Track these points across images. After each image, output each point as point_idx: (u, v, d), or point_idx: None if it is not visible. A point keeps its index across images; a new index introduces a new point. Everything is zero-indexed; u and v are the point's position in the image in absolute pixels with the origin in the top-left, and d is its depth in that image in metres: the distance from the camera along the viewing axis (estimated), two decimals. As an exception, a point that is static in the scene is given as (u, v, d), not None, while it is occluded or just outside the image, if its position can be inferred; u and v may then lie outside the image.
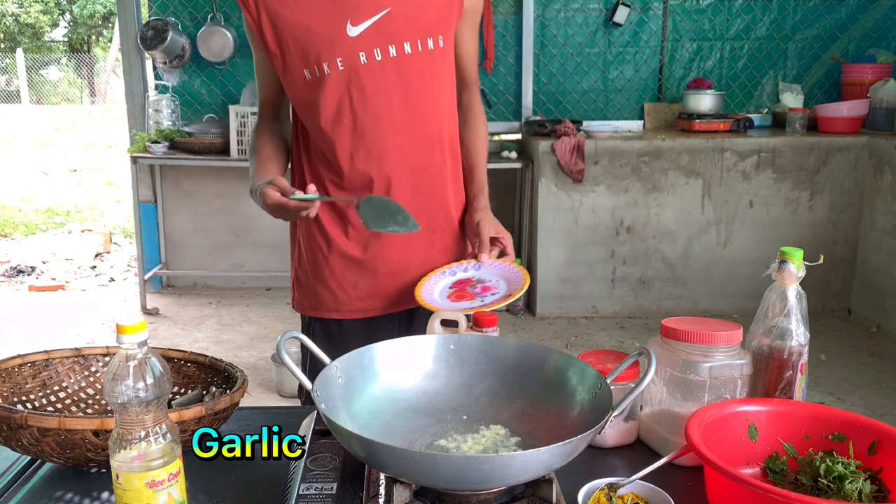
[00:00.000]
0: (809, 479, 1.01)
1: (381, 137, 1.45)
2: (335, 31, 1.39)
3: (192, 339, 4.27)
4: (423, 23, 1.42)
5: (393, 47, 1.40)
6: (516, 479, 0.86)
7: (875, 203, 4.37)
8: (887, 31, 4.91)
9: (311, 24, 1.39)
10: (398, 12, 1.40)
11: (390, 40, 1.40)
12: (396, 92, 1.43)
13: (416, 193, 1.50)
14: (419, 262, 1.54)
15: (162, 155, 4.51)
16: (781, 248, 1.13)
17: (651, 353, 0.93)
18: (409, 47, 1.41)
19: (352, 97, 1.42)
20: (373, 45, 1.39)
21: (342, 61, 1.40)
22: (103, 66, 18.42)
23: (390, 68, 1.41)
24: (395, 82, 1.42)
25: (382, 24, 1.39)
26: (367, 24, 1.39)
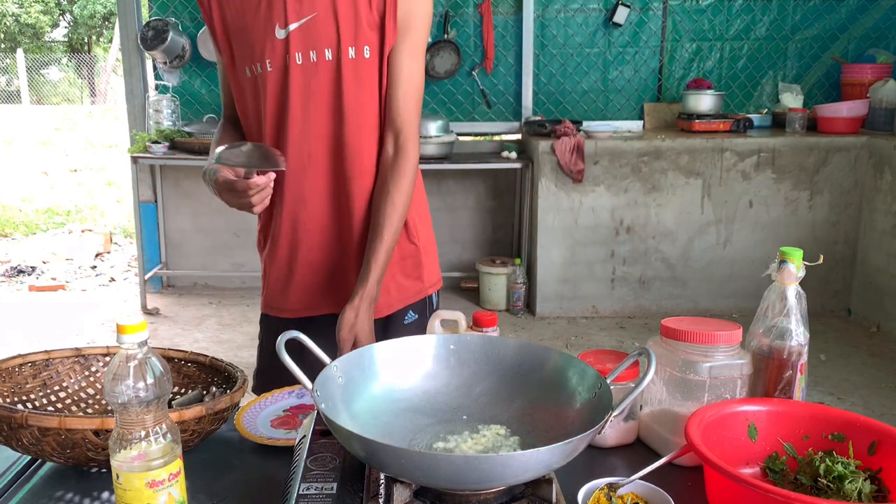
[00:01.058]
0: (809, 479, 1.01)
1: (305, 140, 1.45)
2: (266, 32, 1.41)
3: (192, 339, 4.27)
4: (347, 31, 1.40)
5: (314, 52, 1.41)
6: (516, 479, 0.86)
7: (875, 203, 4.37)
8: (887, 32, 4.91)
9: (248, 24, 1.43)
10: (323, 17, 1.40)
11: (313, 45, 1.41)
12: (313, 98, 1.43)
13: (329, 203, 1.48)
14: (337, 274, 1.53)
15: (162, 155, 4.51)
16: (781, 248, 1.13)
17: (651, 353, 0.93)
18: (330, 53, 1.41)
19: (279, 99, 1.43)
20: (297, 48, 1.41)
21: (272, 62, 1.42)
22: (103, 67, 18.42)
23: (311, 72, 1.41)
24: (315, 88, 1.42)
25: (307, 29, 1.40)
26: (292, 27, 1.40)
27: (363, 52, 1.41)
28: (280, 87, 1.43)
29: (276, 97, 1.43)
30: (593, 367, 1.00)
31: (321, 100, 1.43)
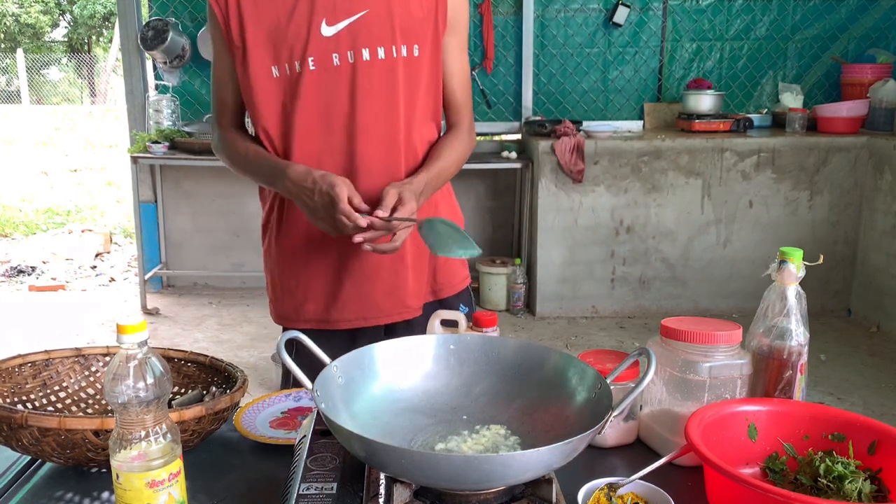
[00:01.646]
0: (809, 479, 1.01)
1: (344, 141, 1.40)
2: (309, 30, 1.34)
3: (192, 339, 4.27)
4: (399, 28, 1.37)
5: (367, 50, 1.36)
6: (516, 479, 0.86)
7: (875, 203, 4.37)
8: (887, 31, 4.91)
9: (284, 20, 1.35)
10: (374, 15, 1.36)
11: (364, 43, 1.36)
12: (364, 98, 1.38)
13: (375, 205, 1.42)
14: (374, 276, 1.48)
15: (162, 155, 4.51)
16: (781, 248, 1.13)
17: (651, 353, 0.93)
18: (382, 52, 1.36)
19: (320, 99, 1.37)
20: (347, 46, 1.36)
21: (314, 61, 1.35)
22: (103, 66, 18.43)
23: (362, 72, 1.37)
24: (365, 87, 1.37)
25: (357, 27, 1.35)
26: (342, 25, 1.35)
27: (413, 51, 1.39)
28: (325, 86, 1.36)
29: (320, 97, 1.37)
30: (593, 367, 1.00)
31: (374, 100, 1.38)
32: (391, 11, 1.37)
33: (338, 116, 1.38)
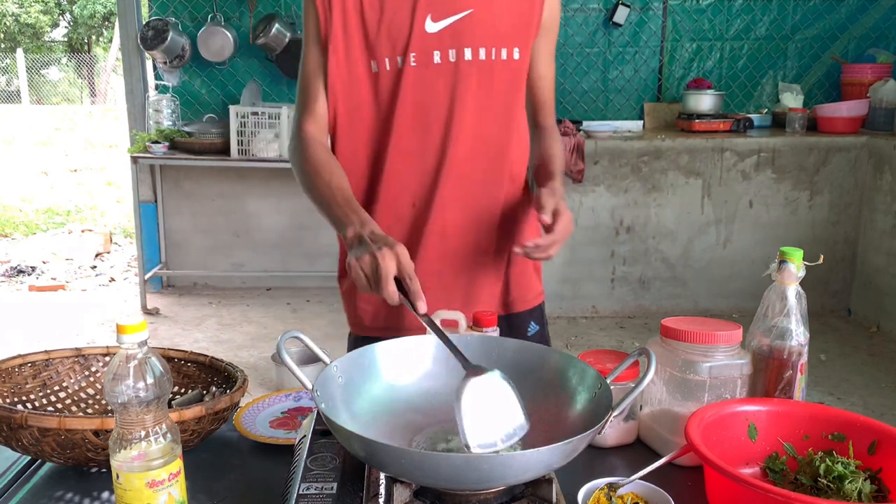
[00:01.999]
0: (809, 479, 1.01)
1: (440, 142, 1.35)
2: (413, 25, 1.30)
3: (192, 339, 4.27)
4: (502, 30, 1.35)
5: (469, 50, 1.32)
6: (516, 479, 0.86)
7: (875, 203, 4.37)
8: (887, 31, 4.91)
9: (389, 13, 1.31)
10: (480, 14, 1.32)
11: (467, 43, 1.32)
12: (463, 98, 1.34)
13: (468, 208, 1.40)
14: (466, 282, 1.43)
15: (162, 155, 4.51)
16: (781, 248, 1.13)
17: (651, 353, 0.93)
18: (483, 53, 1.33)
19: (419, 97, 1.33)
20: (449, 45, 1.32)
21: (415, 57, 1.31)
22: (103, 66, 18.42)
23: (462, 72, 1.33)
24: (464, 88, 1.33)
25: (462, 25, 1.32)
26: (447, 22, 1.31)
27: (513, 54, 1.36)
28: (424, 84, 1.33)
29: (418, 95, 1.33)
30: (593, 367, 1.00)
31: (472, 100, 1.34)
32: (494, 13, 1.34)
33: (435, 115, 1.35)
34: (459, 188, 1.38)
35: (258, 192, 5.04)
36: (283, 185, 4.99)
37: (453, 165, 1.37)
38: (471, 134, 1.36)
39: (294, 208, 5.05)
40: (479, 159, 1.38)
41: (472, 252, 1.43)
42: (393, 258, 1.09)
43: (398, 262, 1.09)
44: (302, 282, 5.16)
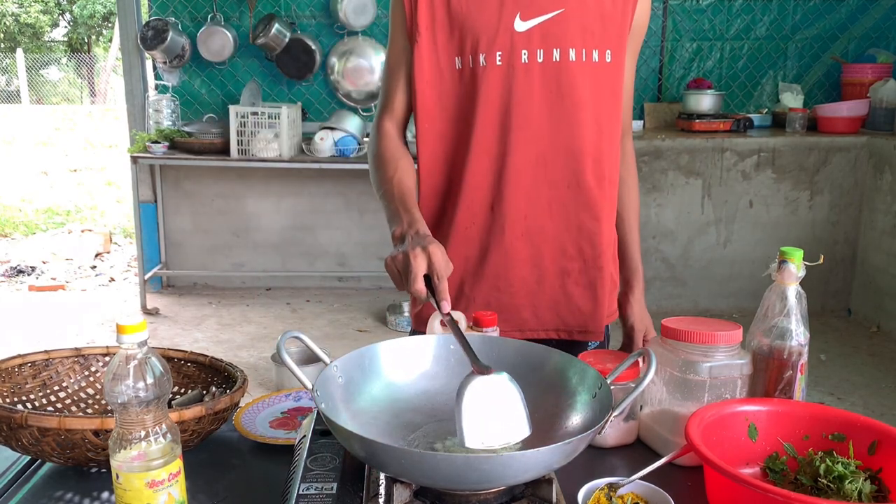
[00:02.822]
0: (809, 479, 1.01)
1: (523, 144, 1.32)
2: (501, 23, 1.28)
3: (192, 338, 4.27)
4: (594, 31, 1.30)
5: (558, 51, 1.28)
6: (516, 479, 0.86)
7: (875, 203, 4.37)
8: (887, 31, 4.91)
9: (476, 9, 1.29)
10: (571, 14, 1.28)
11: (557, 43, 1.28)
12: (550, 100, 1.30)
13: (549, 212, 1.35)
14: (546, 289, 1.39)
15: (162, 155, 4.51)
16: (781, 248, 1.13)
17: (651, 353, 0.93)
18: (573, 54, 1.29)
19: (503, 96, 1.30)
20: (538, 44, 1.28)
21: (501, 56, 1.28)
22: (103, 66, 18.42)
23: (551, 73, 1.29)
24: (553, 89, 1.30)
25: (552, 25, 1.28)
26: (536, 21, 1.28)
27: (605, 56, 1.31)
28: (510, 83, 1.29)
29: (503, 94, 1.30)
30: (593, 367, 1.00)
31: (562, 102, 1.30)
32: (585, 13, 1.29)
33: (519, 116, 1.30)
34: (545, 193, 1.34)
35: (258, 192, 5.04)
36: (283, 185, 4.99)
37: (538, 168, 1.33)
38: (555, 137, 1.32)
39: (294, 208, 5.05)
40: (569, 163, 1.34)
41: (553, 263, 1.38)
42: (424, 258, 1.09)
43: (430, 262, 1.09)
44: (302, 282, 5.16)
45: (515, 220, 1.35)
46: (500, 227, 1.35)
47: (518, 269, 1.37)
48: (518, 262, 1.36)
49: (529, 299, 1.39)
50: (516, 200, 1.34)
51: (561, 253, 1.38)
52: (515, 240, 1.35)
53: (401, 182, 1.32)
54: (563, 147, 1.33)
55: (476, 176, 1.34)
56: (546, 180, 1.34)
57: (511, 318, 1.38)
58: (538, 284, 1.38)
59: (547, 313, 1.40)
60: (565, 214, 1.36)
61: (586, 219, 1.37)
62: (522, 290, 1.38)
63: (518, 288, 1.38)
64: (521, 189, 1.33)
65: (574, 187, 1.35)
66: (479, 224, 1.36)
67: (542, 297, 1.39)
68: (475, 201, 1.35)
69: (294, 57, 4.69)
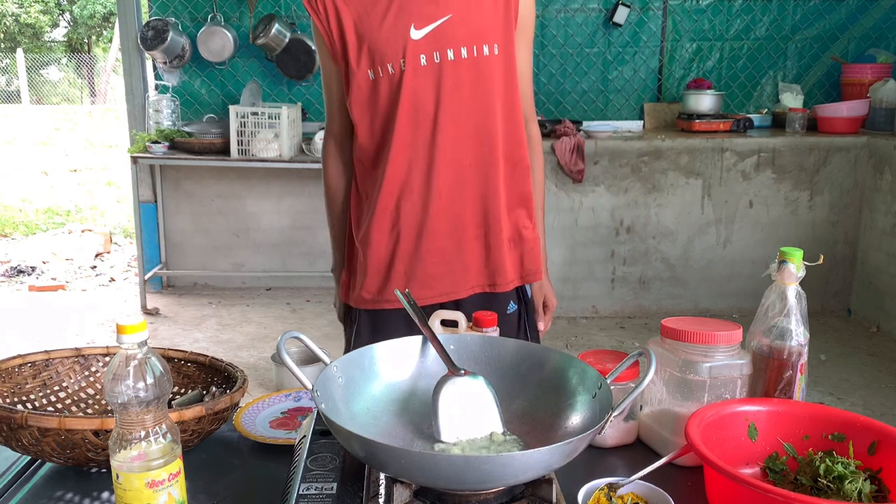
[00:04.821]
0: (809, 479, 1.01)
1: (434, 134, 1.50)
2: (399, 35, 1.46)
3: (192, 339, 4.27)
4: (480, 29, 1.49)
5: (451, 51, 1.47)
6: (516, 479, 0.86)
7: (875, 203, 4.37)
8: (887, 31, 4.91)
9: (377, 27, 1.47)
10: (458, 18, 1.47)
11: (450, 44, 1.47)
12: (453, 93, 1.48)
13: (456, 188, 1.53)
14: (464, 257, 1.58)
15: (162, 155, 4.51)
16: (781, 248, 1.13)
17: (651, 353, 0.93)
18: (465, 52, 1.48)
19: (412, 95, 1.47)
20: (434, 48, 1.46)
21: (406, 62, 1.46)
22: (103, 66, 18.42)
23: (448, 71, 1.47)
24: (452, 84, 1.48)
25: (443, 29, 1.46)
26: (429, 29, 1.46)
27: (493, 49, 1.50)
28: (418, 86, 1.47)
29: (413, 96, 1.47)
30: (593, 367, 1.00)
31: (458, 96, 1.48)
32: (471, 15, 1.48)
33: (425, 112, 1.49)
34: (453, 174, 1.52)
35: (258, 192, 5.04)
36: (283, 185, 5.00)
37: (447, 154, 1.51)
38: (458, 125, 1.50)
39: (294, 208, 5.05)
40: (468, 147, 1.52)
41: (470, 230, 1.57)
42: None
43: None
44: (302, 282, 5.17)
45: (434, 200, 1.53)
46: (422, 208, 1.54)
47: (439, 242, 1.56)
48: (439, 236, 1.55)
49: (448, 267, 1.58)
50: (436, 183, 1.52)
51: (472, 223, 1.57)
52: (435, 217, 1.54)
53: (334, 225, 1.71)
54: (470, 133, 1.52)
55: (398, 167, 1.52)
56: (457, 163, 1.52)
57: (436, 285, 1.58)
58: (456, 253, 1.58)
59: (462, 276, 1.59)
60: (472, 191, 1.55)
61: (489, 192, 1.56)
62: (442, 260, 1.57)
63: (439, 258, 1.57)
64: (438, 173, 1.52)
65: (478, 167, 1.54)
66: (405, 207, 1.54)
67: (459, 263, 1.58)
68: (398, 188, 1.54)
69: (294, 57, 4.69)
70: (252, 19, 4.73)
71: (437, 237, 1.55)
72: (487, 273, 1.61)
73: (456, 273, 1.58)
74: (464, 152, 1.52)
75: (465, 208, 1.55)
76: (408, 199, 1.53)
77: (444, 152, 1.51)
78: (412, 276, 1.57)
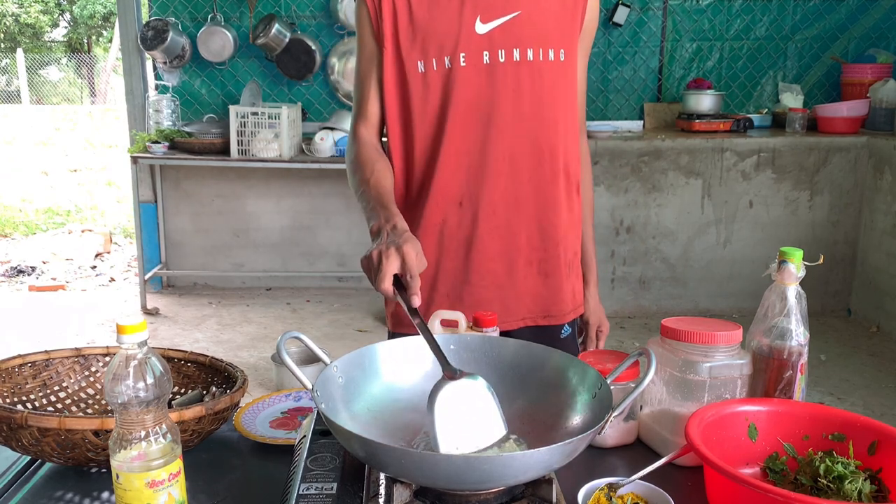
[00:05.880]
0: (809, 479, 1.01)
1: (490, 141, 1.37)
2: (462, 26, 1.33)
3: (192, 339, 4.27)
4: (549, 31, 1.37)
5: (517, 51, 1.35)
6: (516, 479, 0.86)
7: (875, 203, 4.37)
8: (887, 31, 4.91)
9: (438, 14, 1.34)
10: (527, 16, 1.35)
11: (516, 43, 1.35)
12: (514, 98, 1.37)
13: (515, 207, 1.40)
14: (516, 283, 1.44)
15: (162, 155, 4.51)
16: (781, 248, 1.13)
17: (651, 353, 0.93)
18: (531, 54, 1.36)
19: (469, 96, 1.36)
20: (498, 45, 1.34)
21: (465, 57, 1.34)
22: (103, 66, 18.42)
23: (511, 72, 1.36)
24: (514, 87, 1.36)
25: (510, 26, 1.35)
26: (496, 24, 1.34)
27: (560, 55, 1.38)
28: (475, 83, 1.35)
29: (468, 94, 1.35)
30: (593, 367, 1.00)
31: (518, 100, 1.37)
32: (541, 14, 1.37)
33: (484, 115, 1.36)
34: (509, 189, 1.39)
35: (258, 192, 5.04)
36: (283, 185, 4.99)
37: (502, 165, 1.38)
38: (517, 134, 1.38)
39: (294, 208, 5.05)
40: (526, 160, 1.39)
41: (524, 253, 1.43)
42: (398, 257, 1.09)
43: (403, 261, 1.09)
44: (302, 282, 5.17)
45: (487, 216, 1.39)
46: (472, 223, 1.40)
47: (489, 263, 1.42)
48: (489, 256, 1.41)
49: (499, 292, 1.43)
50: (489, 197, 1.39)
51: (527, 245, 1.43)
52: (486, 235, 1.40)
53: (378, 182, 1.36)
54: (528, 143, 1.39)
55: (448, 174, 1.38)
56: (513, 176, 1.39)
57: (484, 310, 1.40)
58: (508, 277, 1.43)
59: (514, 304, 1.44)
60: (529, 208, 1.42)
61: (548, 211, 1.43)
62: (493, 283, 1.43)
63: (489, 282, 1.43)
64: (492, 185, 1.38)
65: (536, 182, 1.41)
66: (452, 221, 1.40)
67: (511, 289, 1.44)
68: (446, 199, 1.40)
69: (294, 57, 4.69)
70: (252, 19, 4.73)
71: (488, 258, 1.41)
72: (542, 303, 1.46)
73: (507, 300, 1.43)
74: (522, 165, 1.39)
75: (520, 227, 1.41)
76: (455, 213, 1.39)
77: (499, 163, 1.37)
78: (457, 300, 1.42)
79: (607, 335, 1.61)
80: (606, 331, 1.60)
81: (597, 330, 1.60)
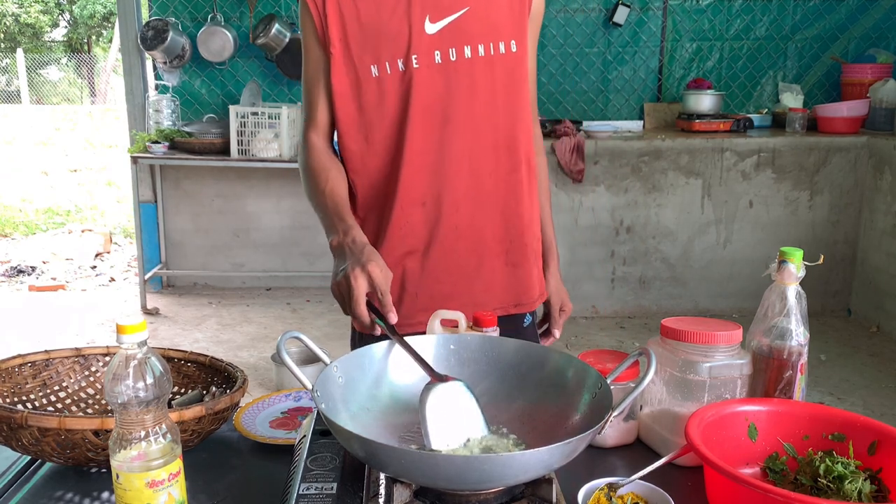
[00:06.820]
0: (809, 479, 1.01)
1: (449, 140, 1.37)
2: (412, 27, 1.33)
3: (192, 339, 4.27)
4: (499, 24, 1.37)
5: (468, 48, 1.35)
6: (516, 479, 0.86)
7: (875, 203, 4.37)
8: (887, 31, 4.91)
9: (387, 17, 1.33)
10: (475, 12, 1.35)
11: (466, 41, 1.35)
12: (469, 95, 1.36)
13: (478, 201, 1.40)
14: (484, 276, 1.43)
15: (162, 155, 4.51)
16: (781, 248, 1.13)
17: (651, 353, 0.93)
18: (482, 49, 1.35)
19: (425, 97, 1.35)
20: (449, 44, 1.34)
21: (418, 59, 1.33)
22: (103, 66, 18.42)
23: (464, 70, 1.35)
24: (468, 85, 1.36)
25: (460, 23, 1.34)
26: (445, 22, 1.34)
27: (511, 46, 1.38)
28: (429, 84, 1.34)
29: (424, 95, 1.34)
30: (593, 367, 1.00)
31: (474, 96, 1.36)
32: (489, 8, 1.36)
33: (442, 114, 1.36)
34: (471, 185, 1.39)
35: (258, 192, 5.04)
36: (283, 185, 4.99)
37: (463, 162, 1.38)
38: (477, 129, 1.38)
39: (294, 208, 5.05)
40: (487, 154, 1.40)
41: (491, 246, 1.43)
42: (365, 278, 1.13)
43: (370, 281, 1.13)
44: (302, 282, 5.17)
45: (450, 213, 1.39)
46: (436, 221, 1.40)
47: (457, 259, 1.42)
48: (457, 253, 1.41)
49: (468, 287, 1.44)
50: (451, 195, 1.39)
51: (493, 238, 1.43)
52: (451, 232, 1.40)
53: (333, 192, 1.37)
54: (487, 138, 1.39)
55: (411, 176, 1.38)
56: (474, 172, 1.39)
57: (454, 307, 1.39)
58: (476, 271, 1.44)
59: (484, 296, 1.44)
60: (492, 201, 1.42)
61: (511, 202, 1.43)
62: (462, 278, 1.43)
63: (458, 277, 1.43)
64: (454, 183, 1.38)
65: (498, 175, 1.41)
66: (416, 221, 1.40)
67: (480, 281, 1.44)
68: (410, 200, 1.39)
69: (294, 57, 4.69)
70: (252, 19, 4.73)
71: (455, 254, 1.41)
72: (512, 292, 1.47)
73: (477, 294, 1.43)
74: (482, 160, 1.39)
75: (484, 222, 1.41)
76: (420, 213, 1.39)
77: (460, 161, 1.37)
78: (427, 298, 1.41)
79: (569, 315, 1.60)
80: (569, 311, 1.60)
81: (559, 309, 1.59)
